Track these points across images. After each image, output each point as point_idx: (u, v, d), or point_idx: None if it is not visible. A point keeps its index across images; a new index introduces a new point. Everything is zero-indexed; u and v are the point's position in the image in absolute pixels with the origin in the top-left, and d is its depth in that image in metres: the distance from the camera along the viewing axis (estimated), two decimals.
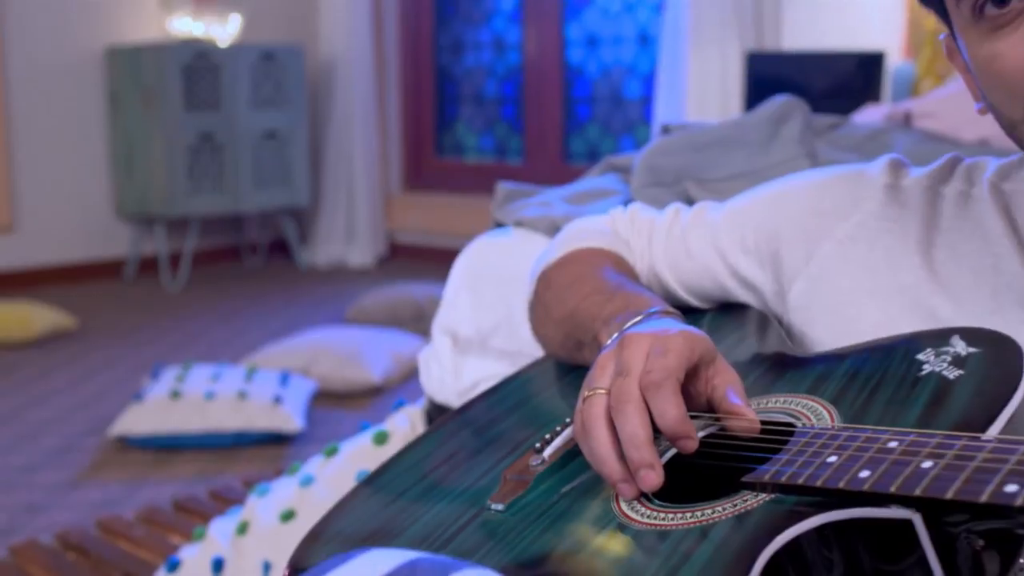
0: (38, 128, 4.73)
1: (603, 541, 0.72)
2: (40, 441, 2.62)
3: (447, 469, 0.94)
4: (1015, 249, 0.84)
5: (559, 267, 1.06)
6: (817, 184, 0.97)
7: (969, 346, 0.76)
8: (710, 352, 0.80)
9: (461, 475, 0.92)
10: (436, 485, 0.92)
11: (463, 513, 0.83)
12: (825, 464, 0.67)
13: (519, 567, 0.71)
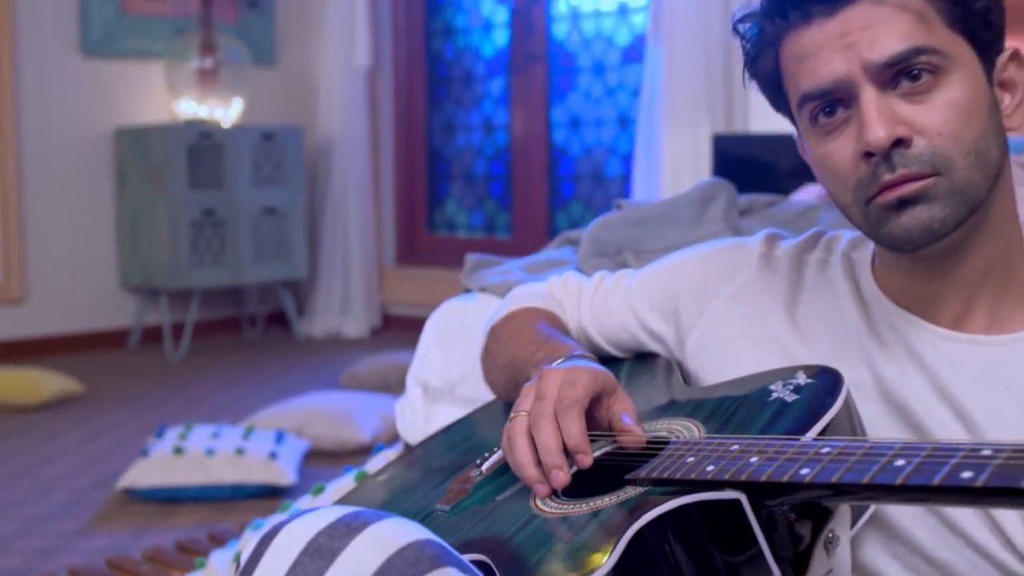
0: (49, 204, 4.94)
1: (519, 527, 0.94)
2: (51, 495, 2.82)
3: (411, 483, 1.17)
4: (856, 306, 1.06)
5: (504, 323, 1.28)
6: (708, 255, 1.19)
7: (808, 378, 0.98)
8: (611, 384, 1.02)
9: (421, 487, 1.14)
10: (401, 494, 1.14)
11: (418, 514, 1.05)
12: (684, 463, 0.89)
13: (457, 549, 0.91)
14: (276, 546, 0.74)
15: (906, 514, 0.97)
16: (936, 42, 0.92)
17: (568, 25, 5.05)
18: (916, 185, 0.92)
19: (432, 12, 5.64)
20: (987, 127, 0.94)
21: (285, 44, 5.69)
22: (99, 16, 5.05)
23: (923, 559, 0.97)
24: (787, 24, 0.97)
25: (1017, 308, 1.00)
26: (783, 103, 1.03)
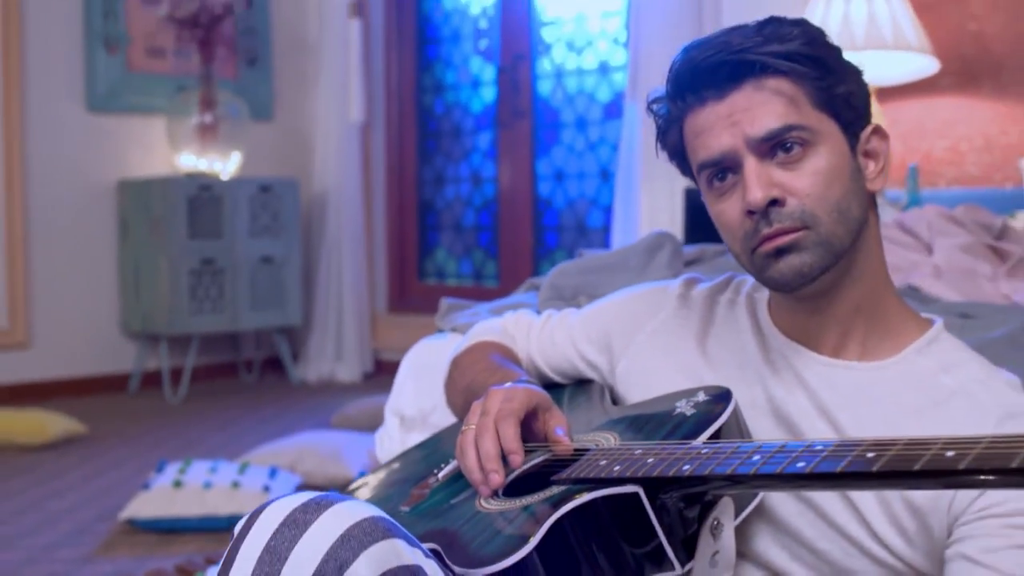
0: (55, 252, 5.11)
1: (464, 521, 1.13)
2: (58, 526, 3.00)
3: (381, 490, 1.36)
4: (754, 338, 1.26)
5: (464, 354, 1.48)
6: (636, 296, 1.40)
7: (706, 396, 1.18)
8: (546, 402, 1.23)
9: (390, 493, 1.34)
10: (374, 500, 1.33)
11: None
12: (599, 465, 1.09)
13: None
14: (261, 520, 0.93)
15: (791, 510, 1.16)
16: (805, 121, 1.13)
17: (552, 83, 5.28)
18: (789, 237, 1.12)
19: (423, 69, 5.88)
20: (849, 189, 1.15)
21: (282, 100, 5.91)
22: (104, 73, 5.26)
23: (806, 549, 1.16)
24: (687, 105, 1.18)
25: (884, 340, 1.20)
26: (688, 169, 1.23)
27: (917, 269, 2.09)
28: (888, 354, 1.20)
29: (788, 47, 1.13)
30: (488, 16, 5.55)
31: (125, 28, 5.32)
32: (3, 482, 3.47)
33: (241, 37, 5.68)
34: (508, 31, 5.42)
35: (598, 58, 5.11)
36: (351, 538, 0.90)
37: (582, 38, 5.16)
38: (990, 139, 3.81)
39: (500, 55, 5.45)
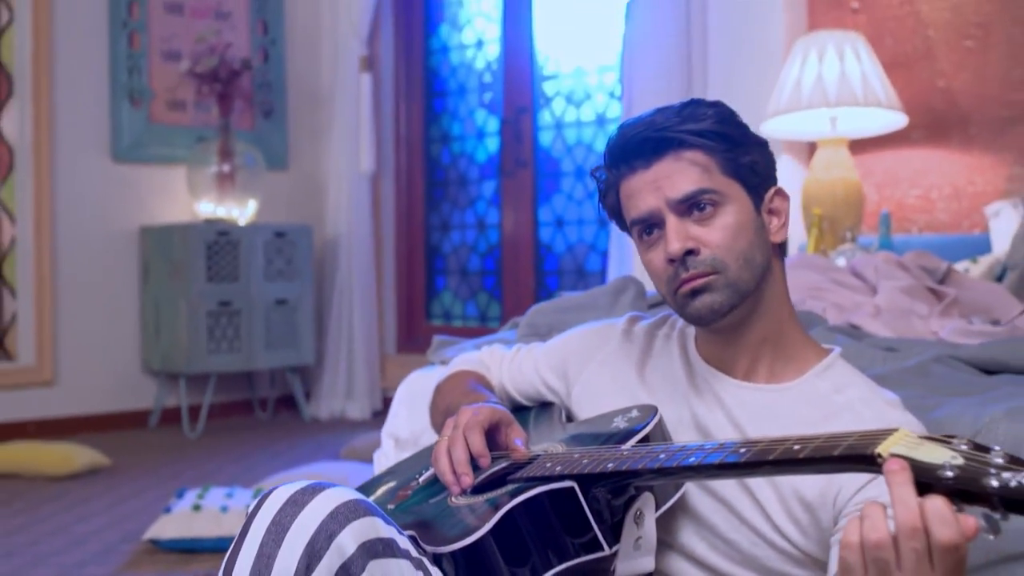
0: (80, 294, 5.36)
1: (438, 513, 1.37)
2: (85, 546, 3.24)
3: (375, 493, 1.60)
4: (683, 366, 1.51)
5: (445, 381, 1.73)
6: (588, 331, 1.65)
7: (637, 412, 1.43)
8: (507, 418, 1.47)
9: (381, 495, 1.58)
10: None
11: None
12: (545, 467, 1.34)
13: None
14: (269, 501, 1.18)
15: (709, 507, 1.40)
16: (715, 185, 1.38)
17: (553, 134, 5.56)
18: (702, 280, 1.37)
19: (430, 121, 6.16)
20: (753, 241, 1.40)
21: (296, 150, 6.17)
22: (128, 125, 5.54)
23: (720, 539, 1.40)
24: (620, 173, 1.43)
25: (788, 365, 1.45)
26: (624, 226, 1.49)
27: (860, 309, 2.33)
28: (791, 377, 1.44)
29: (701, 126, 1.38)
30: (492, 71, 5.83)
31: (148, 83, 5.61)
32: (34, 508, 3.72)
33: (258, 91, 5.97)
34: (511, 85, 5.70)
35: (595, 111, 5.38)
36: (338, 515, 1.15)
37: (580, 92, 5.44)
38: (958, 188, 4.05)
39: (503, 108, 5.73)
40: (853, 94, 3.78)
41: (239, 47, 5.85)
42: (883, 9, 4.23)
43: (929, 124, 4.11)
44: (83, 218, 5.41)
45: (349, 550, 1.14)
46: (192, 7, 5.78)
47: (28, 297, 5.26)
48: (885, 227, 3.66)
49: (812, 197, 3.92)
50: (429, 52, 6.16)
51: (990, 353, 1.87)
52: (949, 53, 4.07)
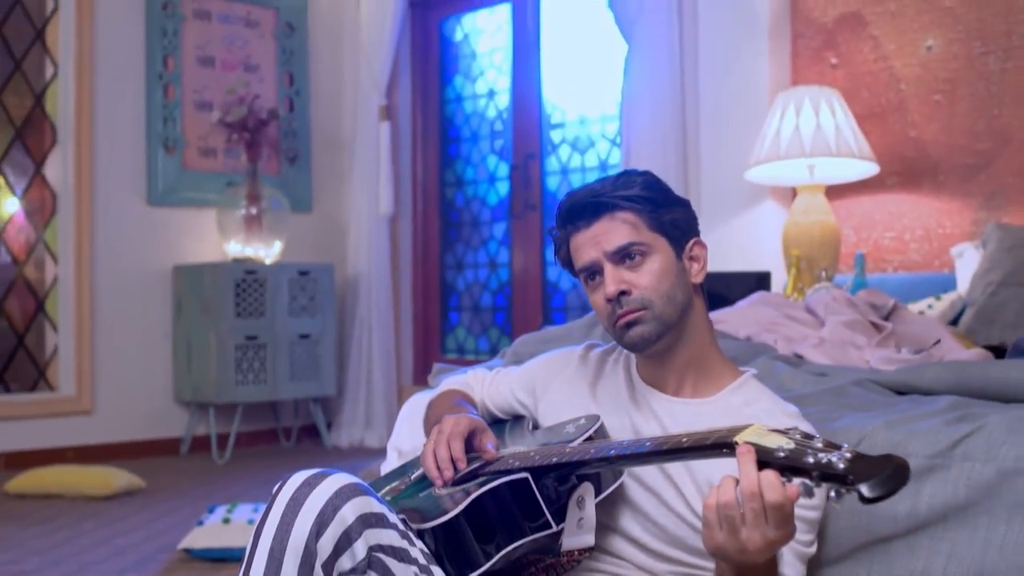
0: (117, 329, 5.71)
1: (424, 500, 1.72)
2: (125, 556, 3.59)
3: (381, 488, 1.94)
4: (626, 385, 1.84)
5: (436, 398, 2.08)
6: (553, 357, 1.99)
7: (584, 420, 1.77)
8: (482, 426, 1.81)
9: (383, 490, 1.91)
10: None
11: None
12: (508, 463, 1.68)
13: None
14: (288, 484, 1.52)
15: (642, 497, 1.73)
16: (643, 239, 1.72)
17: (559, 178, 5.91)
18: (634, 315, 1.71)
19: (445, 166, 6.52)
20: (675, 283, 1.74)
21: (320, 194, 6.52)
22: (163, 171, 5.91)
23: (651, 523, 1.73)
24: (568, 232, 1.78)
25: (708, 383, 1.78)
26: (574, 273, 1.83)
27: (805, 340, 2.67)
28: (711, 393, 1.78)
29: (631, 192, 1.73)
30: (503, 119, 6.20)
31: (181, 131, 6.00)
32: (76, 524, 4.07)
33: (284, 138, 6.35)
34: (520, 133, 6.06)
35: (598, 157, 5.73)
36: (341, 493, 1.49)
37: (584, 139, 5.79)
38: (929, 230, 4.38)
39: (513, 154, 6.09)
40: (827, 145, 4.11)
41: (266, 98, 6.23)
42: (859, 65, 4.57)
43: (902, 171, 4.44)
44: (120, 258, 5.78)
45: (349, 520, 1.48)
46: (223, 60, 6.18)
47: (69, 331, 5.63)
48: (860, 267, 3.97)
49: (791, 239, 4.25)
50: (444, 102, 6.54)
51: (901, 377, 2.20)
52: (920, 106, 4.40)
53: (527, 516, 1.62)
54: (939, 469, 1.67)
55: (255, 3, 6.28)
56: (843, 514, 1.73)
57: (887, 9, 4.50)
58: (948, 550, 1.63)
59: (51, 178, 5.72)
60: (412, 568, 1.52)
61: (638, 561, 1.73)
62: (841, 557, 1.73)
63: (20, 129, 5.68)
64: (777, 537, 1.28)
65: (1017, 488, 1.60)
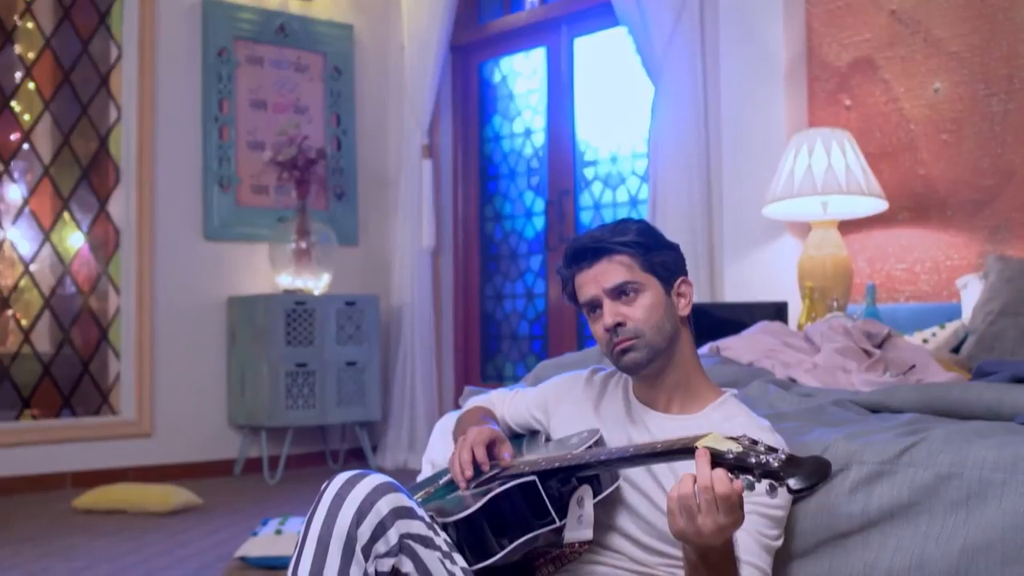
0: (175, 357, 6.04)
1: (450, 499, 2.02)
2: (187, 564, 3.91)
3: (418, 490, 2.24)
4: (624, 404, 2.14)
5: (463, 414, 2.38)
6: (562, 379, 2.29)
7: (587, 433, 2.07)
8: (501, 437, 2.11)
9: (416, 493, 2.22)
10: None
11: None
12: (520, 468, 1.98)
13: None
14: (333, 482, 1.82)
15: (637, 500, 2.02)
16: (636, 278, 2.02)
17: (592, 213, 6.21)
18: (628, 343, 2.01)
19: (484, 202, 6.85)
20: (664, 316, 2.03)
21: (365, 228, 6.85)
22: (218, 208, 6.28)
23: (643, 521, 2.02)
24: (572, 272, 2.08)
25: (694, 402, 2.07)
26: (579, 308, 2.13)
27: (800, 365, 2.95)
28: (696, 410, 2.07)
29: (626, 238, 2.03)
30: (539, 157, 6.52)
31: (235, 170, 6.36)
32: (140, 537, 4.41)
33: (331, 176, 6.70)
34: (555, 170, 6.37)
35: (628, 193, 6.03)
36: (377, 490, 1.80)
37: (616, 176, 6.09)
38: (938, 262, 4.63)
39: (548, 190, 6.40)
40: (838, 183, 4.39)
41: (315, 138, 6.58)
42: (871, 106, 4.85)
43: (912, 206, 4.70)
44: (178, 289, 6.13)
45: (383, 512, 1.78)
46: (274, 103, 6.54)
47: (130, 359, 5.99)
48: (871, 297, 4.22)
49: (805, 271, 4.52)
50: (483, 140, 6.87)
51: (876, 397, 2.48)
52: (928, 145, 4.67)
53: (535, 513, 1.92)
54: (888, 474, 1.95)
55: (304, 48, 6.64)
56: (808, 514, 2.01)
57: (897, 54, 4.77)
58: (895, 543, 1.91)
59: (114, 215, 6.09)
60: (436, 554, 1.82)
61: (633, 555, 2.02)
62: (807, 551, 2.01)
63: (86, 169, 6.07)
64: (727, 523, 1.58)
65: (951, 489, 1.88)
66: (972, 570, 1.81)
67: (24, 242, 5.97)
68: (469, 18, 6.86)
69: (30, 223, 5.95)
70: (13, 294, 5.92)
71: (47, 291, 5.97)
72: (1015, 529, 1.78)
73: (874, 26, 4.84)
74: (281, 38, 6.55)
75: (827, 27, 5.00)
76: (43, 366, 5.93)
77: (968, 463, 1.88)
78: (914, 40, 4.71)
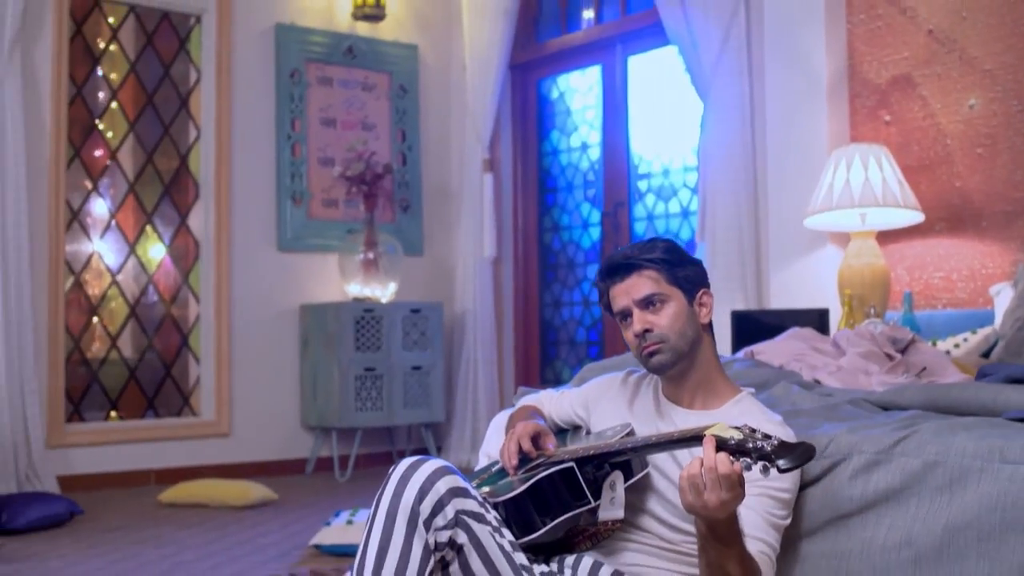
0: (251, 361, 6.39)
1: (500, 484, 2.32)
2: (266, 550, 4.24)
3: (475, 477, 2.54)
4: (653, 402, 2.42)
5: (516, 411, 2.68)
6: (601, 381, 2.58)
7: (620, 427, 2.36)
8: (546, 430, 2.42)
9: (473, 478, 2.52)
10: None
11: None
12: (560, 457, 2.28)
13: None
14: (398, 467, 2.13)
15: (664, 485, 2.31)
16: (662, 291, 2.31)
17: (645, 224, 6.48)
18: (654, 347, 2.29)
19: (543, 213, 7.14)
20: (687, 324, 2.31)
21: (430, 239, 7.15)
22: (291, 221, 6.62)
23: (669, 503, 2.29)
24: (607, 285, 2.37)
25: (715, 399, 2.35)
26: (612, 316, 2.42)
27: (825, 368, 3.21)
28: (717, 406, 2.36)
29: (653, 255, 2.32)
30: (595, 170, 6.80)
31: (307, 185, 6.72)
32: (223, 528, 4.76)
33: (397, 189, 7.03)
34: (610, 183, 6.66)
35: (680, 204, 6.30)
36: (437, 472, 2.10)
37: (668, 189, 6.36)
38: (974, 271, 4.85)
39: (604, 202, 6.68)
40: (874, 196, 4.63)
41: (382, 153, 6.92)
42: (910, 122, 5.07)
43: (949, 217, 4.92)
44: (254, 298, 6.49)
45: (442, 491, 2.08)
46: (343, 121, 6.90)
47: (210, 364, 6.36)
48: (908, 304, 4.46)
49: (845, 280, 4.77)
50: (542, 155, 7.17)
51: (888, 396, 2.74)
52: (964, 158, 4.89)
53: (573, 495, 2.21)
54: (883, 462, 2.22)
55: (371, 69, 6.99)
56: (815, 497, 2.29)
57: (934, 71, 5.00)
58: (888, 523, 2.18)
59: (194, 228, 6.47)
60: (487, 528, 2.12)
61: (659, 532, 2.31)
62: (814, 530, 2.28)
63: (168, 185, 6.46)
64: (728, 498, 1.86)
65: (936, 476, 2.14)
66: (953, 545, 2.08)
67: (111, 254, 6.36)
68: (527, 38, 7.16)
69: (116, 236, 6.34)
70: (101, 303, 6.31)
71: (132, 300, 6.35)
72: (990, 510, 2.05)
73: (913, 45, 5.07)
74: (349, 59, 6.90)
75: (868, 46, 5.23)
76: (129, 370, 6.32)
77: (951, 452, 2.15)
78: (950, 58, 4.93)
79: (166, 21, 6.48)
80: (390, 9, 6.99)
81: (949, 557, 2.08)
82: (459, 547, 2.07)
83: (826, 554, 2.26)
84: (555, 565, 2.24)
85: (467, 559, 2.08)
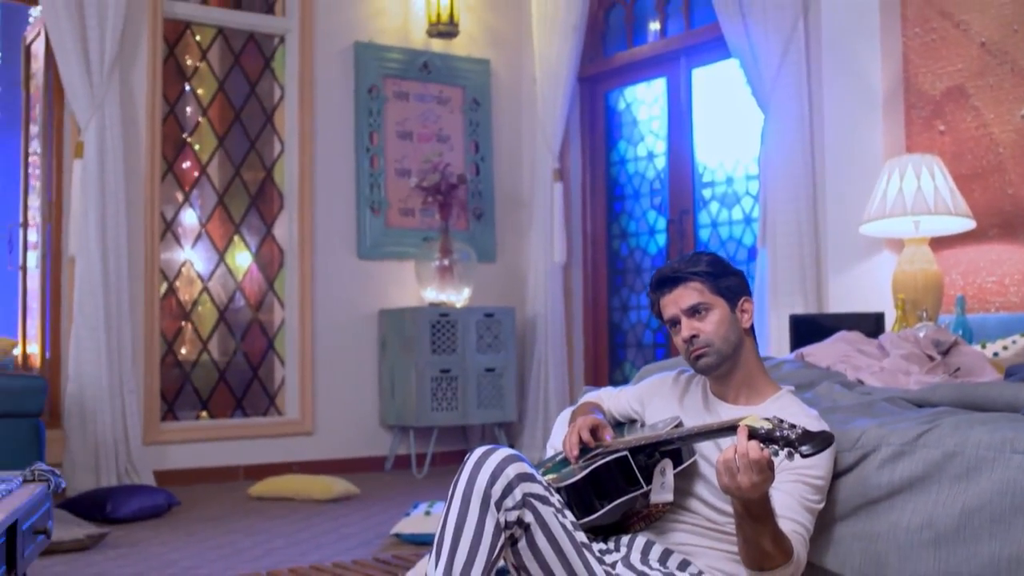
0: (333, 363, 6.71)
1: (563, 469, 2.60)
2: (350, 539, 4.56)
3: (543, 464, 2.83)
4: (702, 398, 2.68)
5: (578, 407, 2.95)
6: (654, 380, 2.85)
7: (670, 420, 2.63)
8: (604, 424, 2.69)
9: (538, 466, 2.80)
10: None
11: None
12: (617, 446, 2.56)
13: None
14: (473, 455, 2.40)
15: (708, 471, 2.56)
16: (707, 300, 2.57)
17: (709, 231, 6.71)
18: (701, 351, 2.55)
19: (611, 220, 7.39)
20: (729, 329, 2.57)
21: (502, 246, 7.42)
22: (370, 230, 6.93)
23: (713, 487, 2.55)
24: (658, 295, 2.64)
25: (757, 396, 2.61)
26: (663, 323, 2.68)
27: (868, 369, 3.45)
28: (759, 403, 2.61)
29: (698, 268, 2.58)
30: (661, 179, 7.04)
31: (385, 195, 7.04)
32: (308, 519, 5.09)
33: (471, 198, 7.31)
34: (675, 191, 6.89)
35: (743, 212, 6.52)
36: (507, 459, 2.37)
37: (731, 196, 6.59)
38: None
39: (669, 209, 6.91)
40: (926, 203, 4.83)
41: (456, 164, 7.22)
42: (963, 131, 5.26)
43: (1001, 224, 5.10)
44: (335, 303, 6.81)
45: (511, 476, 2.36)
46: (419, 134, 7.21)
47: (294, 366, 6.71)
48: (960, 308, 4.65)
49: (899, 284, 4.97)
50: (609, 164, 7.43)
51: (922, 394, 2.97)
52: (1016, 166, 5.07)
53: (627, 480, 2.49)
54: (907, 453, 2.46)
55: (446, 83, 7.30)
56: (847, 485, 2.53)
57: (987, 82, 5.18)
58: (912, 507, 2.42)
59: (279, 237, 6.83)
60: (551, 509, 2.40)
61: (705, 514, 2.57)
62: (846, 514, 2.53)
63: (254, 197, 6.82)
64: (759, 480, 2.12)
65: (955, 465, 2.38)
66: (969, 527, 2.32)
67: (201, 262, 6.74)
68: (595, 51, 7.43)
69: (206, 245, 6.72)
70: (192, 308, 6.69)
71: (221, 305, 6.72)
72: (1001, 495, 2.29)
73: (966, 57, 5.25)
74: (425, 74, 7.21)
75: (922, 58, 5.42)
76: (218, 372, 6.69)
77: (968, 444, 2.39)
78: (1002, 70, 5.12)
79: (252, 42, 6.85)
80: (463, 26, 7.29)
81: (965, 537, 2.32)
82: (526, 525, 2.34)
83: (857, 535, 2.51)
84: (612, 543, 2.51)
85: (533, 536, 2.35)
